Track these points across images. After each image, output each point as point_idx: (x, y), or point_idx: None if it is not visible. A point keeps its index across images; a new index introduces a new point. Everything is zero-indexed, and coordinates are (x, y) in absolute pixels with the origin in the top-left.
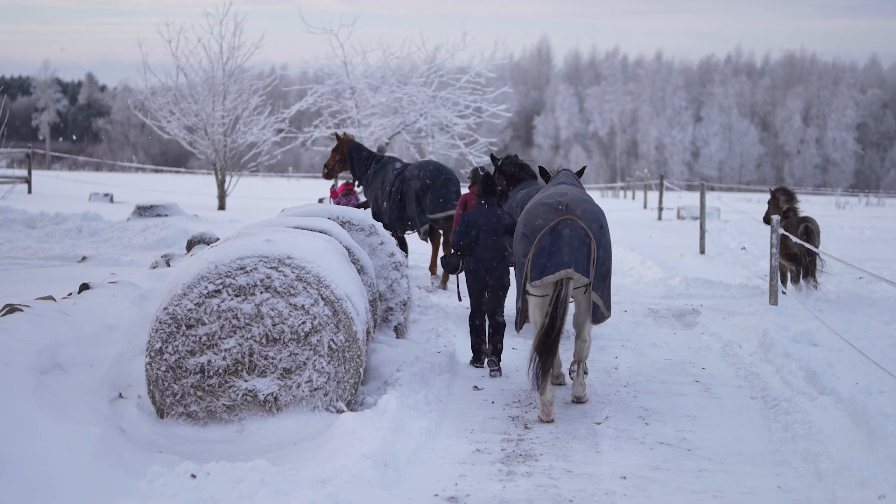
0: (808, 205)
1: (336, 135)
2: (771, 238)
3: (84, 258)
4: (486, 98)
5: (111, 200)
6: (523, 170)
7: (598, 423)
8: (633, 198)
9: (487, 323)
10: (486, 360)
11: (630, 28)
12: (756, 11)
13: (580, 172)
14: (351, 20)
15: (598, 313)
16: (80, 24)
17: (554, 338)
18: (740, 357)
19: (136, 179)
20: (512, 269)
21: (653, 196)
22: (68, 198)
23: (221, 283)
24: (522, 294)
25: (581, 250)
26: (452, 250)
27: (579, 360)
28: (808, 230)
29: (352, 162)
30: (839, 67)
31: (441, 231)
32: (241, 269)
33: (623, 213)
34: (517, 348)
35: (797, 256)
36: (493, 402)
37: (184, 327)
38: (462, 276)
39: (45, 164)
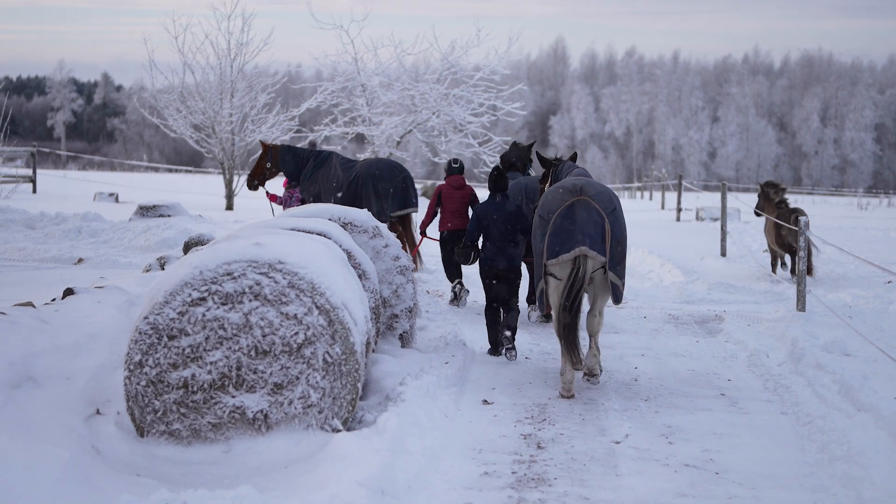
0: (828, 206)
1: (262, 143)
2: (798, 241)
3: (80, 260)
4: (501, 96)
5: (116, 200)
6: (508, 158)
7: (618, 443)
8: (651, 198)
9: (502, 313)
10: (503, 350)
11: (646, 28)
12: (773, 12)
13: (573, 159)
14: (362, 16)
15: (618, 293)
16: (97, 24)
17: (573, 314)
18: (768, 368)
19: (147, 179)
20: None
21: (670, 196)
22: (73, 197)
23: (207, 290)
24: (542, 276)
25: (595, 229)
26: (467, 241)
27: (591, 334)
28: (798, 221)
29: (285, 163)
30: (857, 68)
31: (400, 228)
32: (228, 274)
33: (641, 214)
34: (530, 358)
35: (790, 245)
36: (503, 418)
37: (165, 338)
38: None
39: (60, 164)
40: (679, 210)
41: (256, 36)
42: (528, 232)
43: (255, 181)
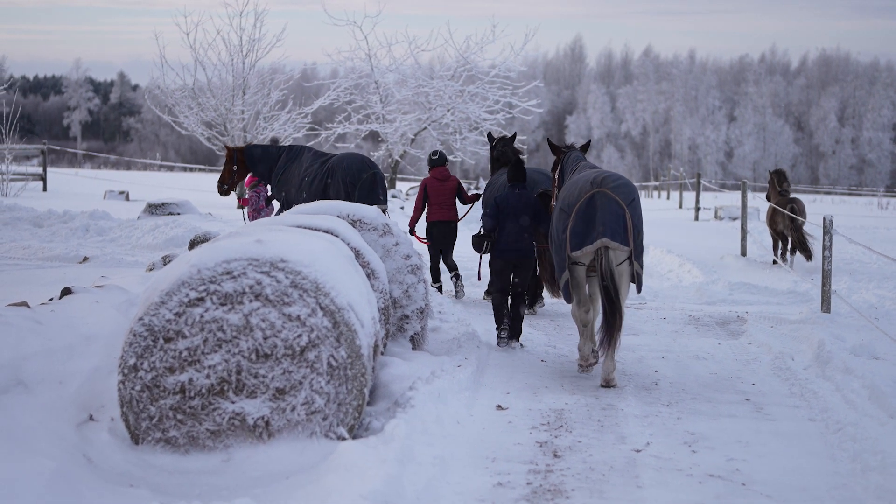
0: (848, 206)
1: (226, 146)
2: (823, 240)
3: (85, 259)
4: (517, 93)
5: (127, 198)
6: (504, 156)
7: (638, 451)
8: (668, 197)
9: (509, 303)
10: (503, 338)
11: (662, 28)
12: (790, 12)
13: (585, 147)
14: (375, 13)
15: (639, 281)
16: (113, 24)
17: (616, 303)
18: (794, 371)
19: (160, 178)
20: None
21: (688, 196)
22: (83, 195)
23: (205, 290)
24: (565, 268)
25: (615, 221)
26: (481, 231)
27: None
28: (793, 209)
29: (253, 162)
30: (875, 67)
31: None
32: (228, 273)
33: (659, 213)
34: (546, 361)
35: (782, 232)
36: (518, 425)
37: (161, 340)
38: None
39: (76, 163)
40: (697, 209)
41: (269, 32)
42: (544, 223)
43: (224, 185)
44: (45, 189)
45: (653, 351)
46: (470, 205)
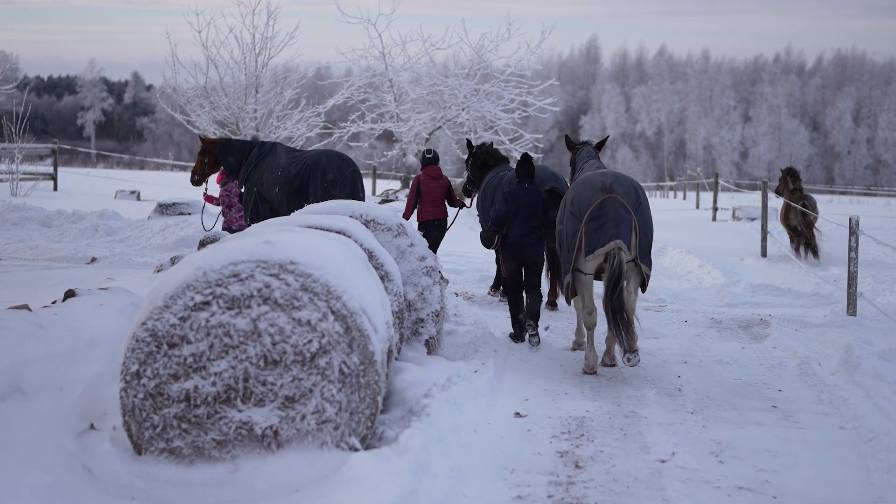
0: (863, 206)
1: (200, 137)
2: (850, 241)
3: (94, 259)
4: (532, 92)
5: (138, 198)
6: (493, 156)
7: (664, 462)
8: (685, 198)
9: (525, 296)
10: (526, 335)
11: (677, 28)
12: (805, 12)
13: (601, 144)
14: (389, 10)
15: (645, 282)
16: (128, 24)
17: (621, 297)
18: (821, 377)
19: (173, 177)
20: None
21: (705, 196)
22: (94, 195)
23: (211, 294)
24: (572, 270)
25: (626, 226)
26: (491, 226)
27: (628, 312)
28: (805, 205)
29: (226, 156)
30: (891, 67)
31: None
32: (235, 276)
33: (675, 214)
34: (564, 365)
35: (795, 227)
36: (537, 434)
37: (165, 346)
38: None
39: (90, 163)
40: (715, 209)
41: (282, 30)
42: (553, 218)
43: (195, 176)
44: (55, 189)
45: (674, 355)
46: (457, 209)
